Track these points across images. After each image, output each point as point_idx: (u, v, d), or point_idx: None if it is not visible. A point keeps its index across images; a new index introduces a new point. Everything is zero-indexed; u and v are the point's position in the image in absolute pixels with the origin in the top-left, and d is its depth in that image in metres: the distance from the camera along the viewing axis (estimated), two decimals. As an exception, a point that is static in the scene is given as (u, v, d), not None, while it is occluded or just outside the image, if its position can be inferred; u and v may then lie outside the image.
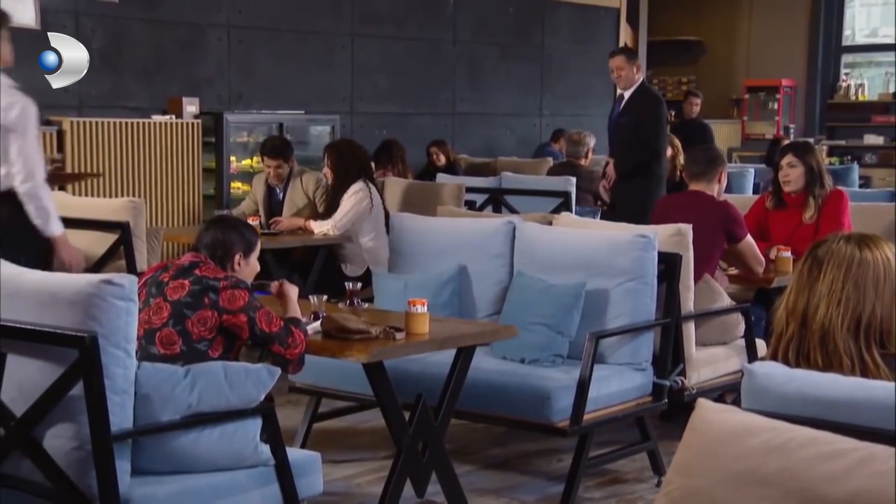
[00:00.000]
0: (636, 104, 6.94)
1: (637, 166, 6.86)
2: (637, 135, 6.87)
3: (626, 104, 7.00)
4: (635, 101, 6.96)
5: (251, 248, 3.54)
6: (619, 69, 6.96)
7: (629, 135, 6.90)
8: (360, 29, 9.84)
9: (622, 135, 6.99)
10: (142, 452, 3.02)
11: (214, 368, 3.11)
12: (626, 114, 6.98)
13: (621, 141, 7.00)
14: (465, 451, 4.76)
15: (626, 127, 6.94)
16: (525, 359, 4.22)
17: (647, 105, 6.95)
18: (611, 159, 7.11)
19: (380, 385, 3.63)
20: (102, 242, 5.50)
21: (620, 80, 7.00)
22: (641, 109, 6.92)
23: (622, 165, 6.96)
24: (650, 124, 6.90)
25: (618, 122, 7.03)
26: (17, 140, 4.29)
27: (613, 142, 7.13)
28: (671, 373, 4.38)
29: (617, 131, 7.06)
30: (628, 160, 6.91)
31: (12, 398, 2.93)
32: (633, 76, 6.95)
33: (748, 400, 2.25)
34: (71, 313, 2.89)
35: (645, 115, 6.91)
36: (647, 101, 6.99)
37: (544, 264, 4.40)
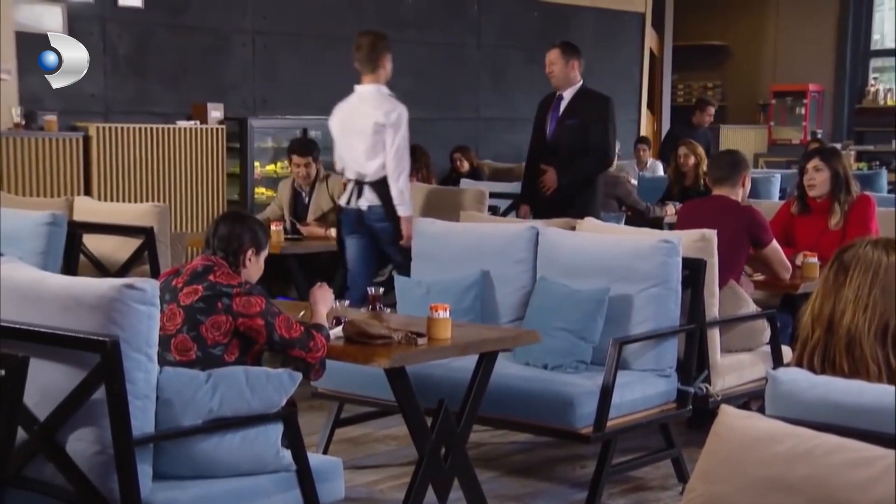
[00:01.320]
0: (584, 104, 6.19)
1: (587, 175, 6.15)
2: (586, 139, 6.11)
3: (568, 105, 6.21)
4: (581, 100, 6.21)
5: (262, 246, 3.53)
6: (551, 64, 6.22)
7: (577, 139, 6.12)
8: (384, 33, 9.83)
9: (568, 139, 6.15)
10: (163, 457, 3.02)
11: (236, 373, 3.11)
12: (570, 115, 6.20)
13: (566, 146, 6.15)
14: (487, 458, 4.74)
15: (573, 130, 6.15)
16: (548, 364, 4.20)
17: (596, 105, 6.19)
18: (548, 168, 6.16)
19: (401, 390, 3.62)
20: (127, 247, 5.52)
21: (553, 76, 6.22)
22: (591, 110, 6.17)
23: (567, 175, 6.11)
24: (602, 127, 6.15)
25: (561, 124, 6.21)
26: (392, 137, 5.54)
27: (554, 148, 6.21)
28: (696, 379, 4.35)
29: (560, 135, 6.20)
30: (577, 168, 6.12)
31: (36, 402, 2.94)
32: (569, 74, 6.19)
33: (772, 406, 2.23)
34: (93, 318, 2.90)
35: (595, 116, 6.15)
36: (596, 101, 6.22)
37: (567, 269, 4.38)
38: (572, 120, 6.16)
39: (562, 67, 6.20)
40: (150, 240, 5.44)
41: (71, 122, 7.59)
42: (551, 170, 6.14)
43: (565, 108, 6.22)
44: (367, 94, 5.63)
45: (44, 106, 7.61)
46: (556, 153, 6.19)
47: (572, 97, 6.21)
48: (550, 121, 6.26)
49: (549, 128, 6.25)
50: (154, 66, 8.33)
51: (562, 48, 6.27)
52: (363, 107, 5.62)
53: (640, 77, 12.42)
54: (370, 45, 5.64)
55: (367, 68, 5.64)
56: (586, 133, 6.12)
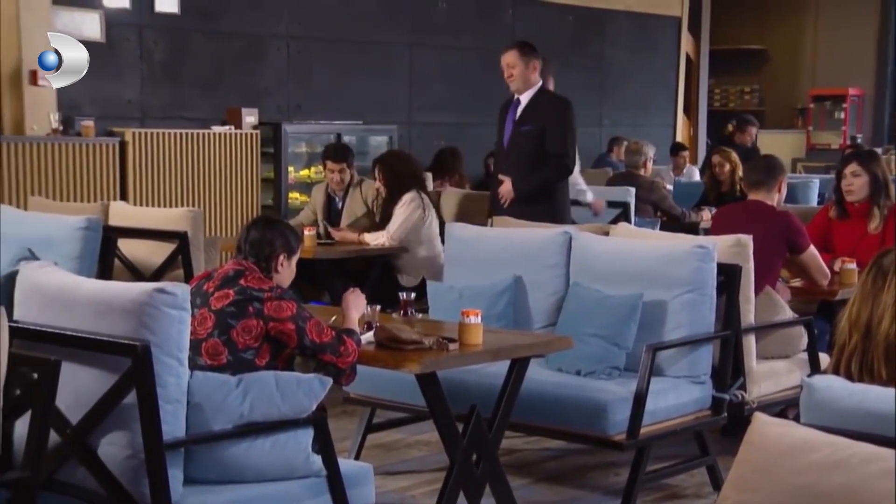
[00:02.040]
0: (540, 108, 5.80)
1: (544, 184, 5.77)
2: (543, 146, 5.75)
3: (525, 109, 5.82)
4: (538, 104, 5.81)
5: (293, 251, 3.53)
6: (510, 66, 5.80)
7: (534, 146, 5.76)
8: (418, 38, 9.85)
9: (524, 146, 5.80)
10: (194, 461, 3.03)
11: (266, 378, 3.11)
12: (526, 120, 5.81)
13: (523, 153, 5.80)
14: (519, 464, 4.72)
15: (528, 136, 5.78)
16: (581, 371, 4.17)
17: (553, 109, 5.81)
18: (505, 178, 5.82)
19: (433, 396, 3.60)
20: (161, 251, 5.54)
21: (513, 80, 5.81)
22: (548, 114, 5.78)
23: (524, 184, 5.75)
24: (560, 132, 5.77)
25: (516, 131, 5.83)
26: None
27: (510, 155, 5.87)
28: (731, 386, 4.30)
29: (515, 142, 5.84)
30: (534, 177, 5.75)
31: (68, 406, 2.96)
32: (529, 76, 5.79)
33: (807, 414, 2.20)
34: (125, 322, 2.92)
35: (553, 122, 5.77)
36: (554, 105, 5.84)
37: (601, 275, 4.35)
38: (528, 125, 5.80)
39: (522, 70, 5.78)
40: (183, 244, 5.46)
41: (108, 127, 7.65)
42: (507, 180, 5.80)
43: (521, 112, 5.84)
44: None
45: (82, 112, 7.69)
46: (512, 160, 5.84)
47: (528, 101, 5.84)
48: (507, 126, 5.90)
49: (506, 134, 5.91)
50: (190, 71, 8.39)
51: (520, 49, 5.84)
52: None
53: (676, 82, 12.35)
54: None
55: None
56: (543, 139, 5.75)
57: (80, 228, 4.84)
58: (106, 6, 7.89)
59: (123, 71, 8.06)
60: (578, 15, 11.18)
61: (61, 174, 7.10)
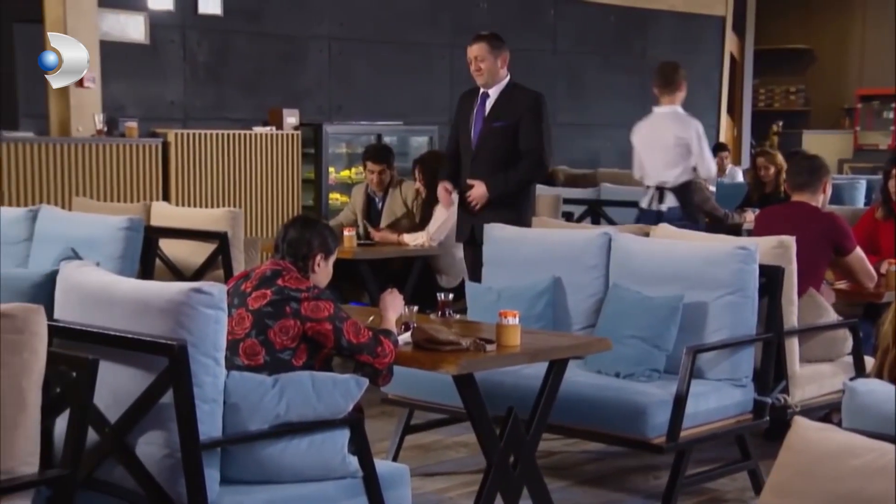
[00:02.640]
0: (512, 103, 5.43)
1: (521, 185, 5.41)
2: (517, 142, 5.39)
3: (495, 104, 5.45)
4: (511, 99, 5.45)
5: (331, 251, 3.53)
6: (479, 59, 5.41)
7: (506, 142, 5.40)
8: (459, 39, 9.82)
9: (495, 143, 5.43)
10: (231, 461, 3.03)
11: (302, 378, 3.11)
12: (498, 116, 5.43)
13: (495, 151, 5.43)
14: (558, 467, 4.68)
15: (501, 133, 5.41)
16: (620, 373, 4.13)
17: (527, 103, 5.42)
18: (474, 181, 5.44)
19: (470, 397, 3.58)
20: (202, 251, 5.58)
21: (481, 74, 5.42)
22: (522, 109, 5.39)
23: (500, 186, 5.38)
24: (536, 128, 5.39)
25: (487, 127, 5.45)
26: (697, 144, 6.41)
27: (479, 154, 5.47)
28: (773, 390, 4.25)
29: (486, 139, 5.46)
30: (511, 178, 5.38)
31: (107, 405, 2.97)
32: (498, 70, 5.43)
33: (849, 419, 2.16)
34: (162, 321, 2.93)
35: (527, 117, 5.39)
36: (528, 99, 5.44)
37: (641, 276, 4.31)
38: (500, 121, 5.42)
39: (491, 63, 5.41)
40: (223, 245, 5.49)
41: (151, 128, 7.73)
42: (479, 183, 5.41)
43: (492, 107, 5.45)
44: (667, 114, 6.48)
45: (126, 113, 7.77)
46: (482, 160, 5.44)
47: (499, 95, 5.46)
48: (475, 123, 5.48)
49: (474, 131, 5.48)
50: (232, 72, 8.45)
51: (489, 42, 5.46)
52: (663, 124, 6.46)
53: (720, 82, 12.24)
54: (671, 72, 6.47)
55: (667, 92, 6.45)
56: (517, 136, 5.39)
57: (122, 228, 4.88)
58: (150, 8, 7.97)
59: (167, 72, 8.13)
60: (621, 15, 11.12)
61: (105, 175, 7.18)
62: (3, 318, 2.55)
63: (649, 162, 6.54)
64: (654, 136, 6.51)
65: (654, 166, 6.51)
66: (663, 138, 6.45)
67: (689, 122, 6.50)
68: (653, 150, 6.52)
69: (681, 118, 6.50)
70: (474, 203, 5.42)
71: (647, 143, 6.57)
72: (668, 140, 6.42)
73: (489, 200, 5.38)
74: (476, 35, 5.54)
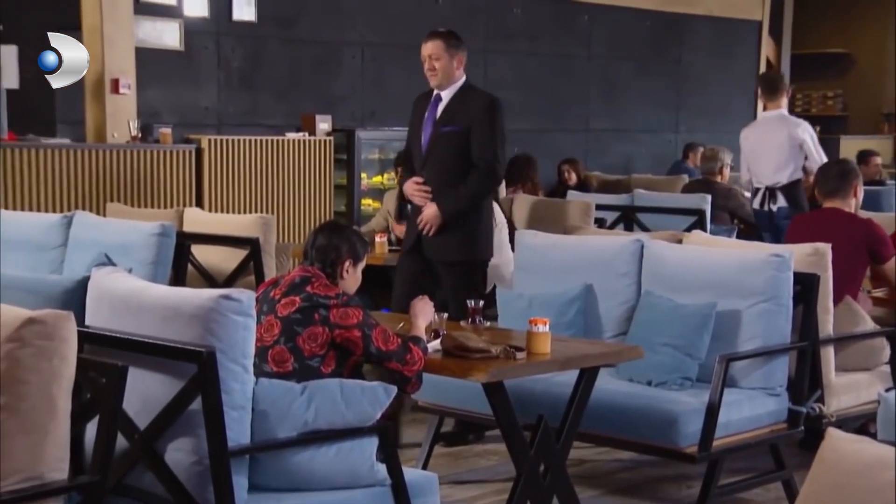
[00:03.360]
0: (465, 107, 4.96)
1: (475, 200, 4.95)
2: (469, 150, 4.94)
3: (447, 107, 4.98)
4: (463, 102, 4.98)
5: (360, 258, 3.52)
6: (434, 58, 4.96)
7: (457, 150, 4.94)
8: (493, 45, 9.83)
9: (446, 149, 4.97)
10: (259, 468, 3.02)
11: (331, 386, 3.10)
12: (449, 120, 4.96)
13: (445, 158, 4.97)
14: (589, 476, 4.65)
15: (451, 139, 4.95)
16: (652, 381, 4.10)
17: (481, 108, 4.95)
18: (426, 200, 4.97)
19: (499, 405, 3.56)
20: (234, 257, 5.60)
21: (435, 74, 4.96)
22: (475, 114, 4.93)
23: (451, 204, 4.92)
24: (489, 134, 4.92)
25: (437, 132, 4.98)
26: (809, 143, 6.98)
27: (428, 161, 5.01)
28: (808, 399, 4.19)
29: (436, 145, 4.99)
30: (461, 194, 4.93)
31: (137, 411, 2.98)
32: (453, 71, 4.97)
33: (884, 430, 2.12)
34: (191, 328, 2.93)
35: (481, 122, 4.92)
36: (482, 103, 4.98)
37: (673, 284, 4.27)
38: (451, 126, 4.96)
39: (447, 63, 4.96)
40: (255, 251, 5.50)
41: (185, 134, 7.77)
42: (430, 206, 4.94)
43: (443, 111, 5.00)
44: (776, 117, 7.11)
45: (161, 119, 7.82)
46: (431, 167, 4.99)
47: (451, 98, 5.00)
48: (426, 127, 5.04)
49: (424, 136, 5.04)
50: (266, 78, 8.48)
51: (445, 40, 5.02)
52: (775, 127, 7.03)
53: (757, 87, 12.14)
54: (776, 80, 7.25)
55: (773, 98, 7.13)
56: (468, 142, 4.94)
57: (154, 234, 4.91)
58: (186, 15, 8.02)
59: (201, 78, 8.18)
60: (656, 20, 11.06)
61: (139, 181, 7.23)
62: (34, 325, 2.56)
63: (762, 164, 7.03)
64: (766, 139, 7.02)
65: (766, 167, 6.99)
66: (776, 140, 6.95)
67: (800, 122, 7.09)
68: (765, 153, 7.02)
69: (791, 120, 7.11)
70: (427, 226, 4.96)
71: (758, 146, 7.06)
72: (781, 141, 6.93)
73: (444, 221, 4.94)
74: (431, 32, 5.10)
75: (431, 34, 5.08)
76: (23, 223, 5.38)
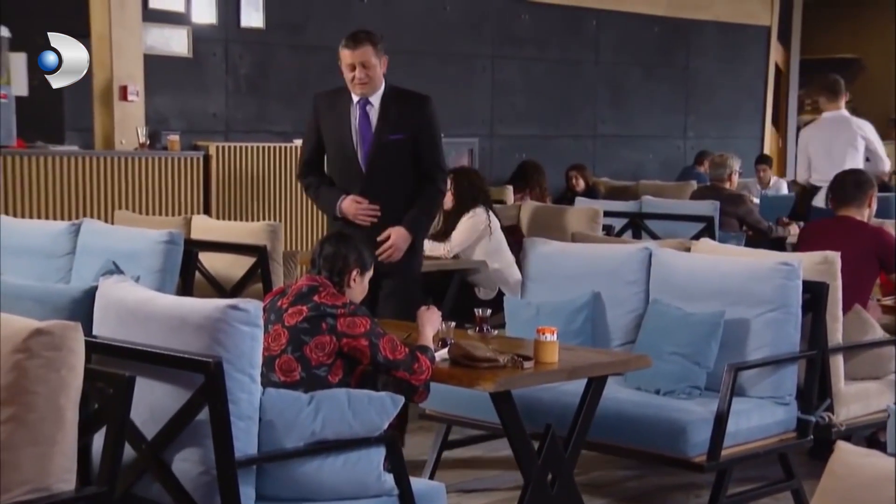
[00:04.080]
0: (402, 111, 4.57)
1: (434, 215, 4.78)
2: (412, 158, 4.59)
3: (382, 114, 4.57)
4: (398, 107, 4.58)
5: (367, 267, 3.53)
6: (367, 67, 4.48)
7: (404, 160, 4.58)
8: (501, 50, 9.83)
9: (389, 161, 4.57)
10: (266, 479, 3.02)
11: (338, 395, 3.10)
12: (389, 128, 4.56)
13: (391, 169, 4.58)
14: (597, 484, 4.63)
15: (397, 149, 4.56)
16: (660, 390, 4.08)
17: (421, 111, 4.62)
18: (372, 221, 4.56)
19: (507, 414, 3.56)
20: (242, 265, 5.59)
21: (367, 83, 4.51)
22: (416, 118, 4.57)
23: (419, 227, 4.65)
24: (435, 141, 4.64)
25: (378, 142, 4.56)
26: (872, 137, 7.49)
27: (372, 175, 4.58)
28: (817, 408, 4.17)
29: (379, 157, 4.57)
30: (423, 214, 4.65)
31: (144, 421, 2.98)
32: (381, 77, 4.58)
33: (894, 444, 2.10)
34: (198, 338, 2.93)
35: (425, 127, 4.59)
36: (420, 106, 4.64)
37: (681, 292, 4.26)
38: (397, 135, 4.55)
39: (376, 70, 4.52)
40: (262, 258, 5.50)
41: (193, 141, 7.78)
42: (396, 230, 4.53)
43: (379, 118, 4.56)
44: (837, 118, 7.51)
45: (169, 126, 7.83)
46: (377, 180, 4.56)
47: (382, 103, 4.58)
48: (361, 138, 4.58)
49: (361, 147, 4.58)
50: (274, 85, 8.49)
51: (374, 43, 4.52)
52: (838, 127, 7.44)
53: (765, 93, 12.12)
54: (835, 83, 7.64)
55: (833, 100, 7.54)
56: (412, 150, 4.57)
57: (162, 242, 4.90)
58: (194, 22, 8.03)
59: (209, 85, 8.19)
60: (664, 25, 11.04)
61: (147, 188, 7.23)
62: (42, 336, 2.56)
63: (825, 163, 7.27)
64: (829, 139, 7.38)
65: (829, 167, 7.06)
66: (839, 139, 7.34)
67: (862, 122, 7.53)
68: (828, 152, 7.33)
69: (853, 120, 7.52)
70: (391, 255, 4.54)
71: (821, 146, 7.40)
72: (845, 140, 7.32)
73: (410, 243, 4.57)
74: (355, 35, 4.53)
75: (356, 39, 4.50)
76: (31, 230, 5.38)
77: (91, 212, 6.85)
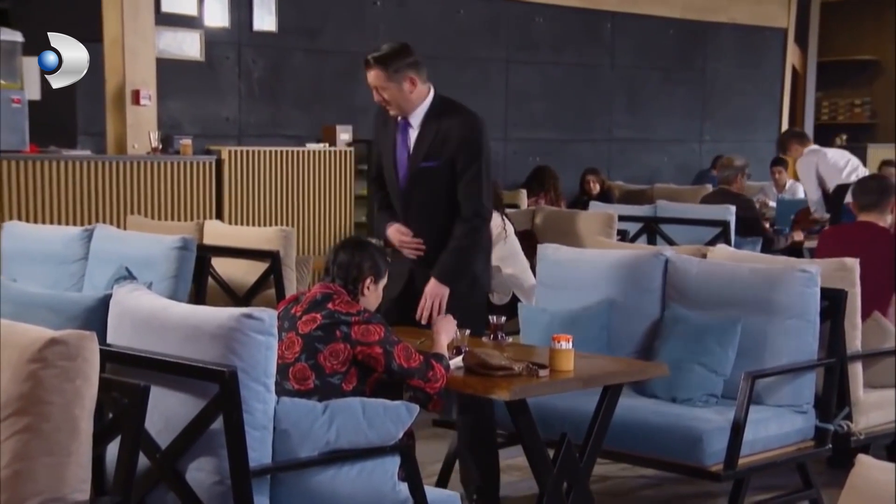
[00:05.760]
0: (440, 135, 4.06)
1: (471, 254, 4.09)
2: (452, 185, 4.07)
3: (420, 138, 4.09)
4: (438, 130, 4.07)
5: (381, 275, 3.51)
6: (380, 90, 4.05)
7: (440, 190, 4.08)
8: (517, 55, 9.80)
9: (426, 188, 4.11)
10: (281, 488, 3.00)
11: (352, 404, 3.08)
12: (425, 154, 4.08)
13: (428, 196, 4.11)
14: (613, 493, 4.60)
15: (431, 176, 4.08)
16: (677, 398, 4.06)
17: (461, 135, 4.05)
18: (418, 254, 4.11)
19: (522, 423, 3.53)
20: (255, 270, 5.58)
21: (390, 105, 4.08)
22: (455, 143, 4.04)
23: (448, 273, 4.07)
24: (477, 169, 4.05)
25: (413, 167, 4.10)
26: None
27: (409, 200, 4.14)
28: (836, 416, 4.13)
29: (414, 183, 4.12)
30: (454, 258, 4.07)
31: (159, 430, 2.97)
32: (407, 97, 4.07)
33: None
34: (213, 347, 2.91)
35: (467, 151, 4.04)
36: (462, 129, 4.06)
37: (698, 299, 4.23)
38: (430, 161, 4.07)
39: (396, 91, 4.03)
40: (275, 264, 5.49)
41: (206, 145, 7.77)
42: (428, 287, 4.05)
43: (416, 142, 4.10)
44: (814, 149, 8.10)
45: (182, 130, 7.82)
46: (413, 206, 4.14)
47: (423, 124, 4.10)
48: (399, 160, 4.15)
49: (399, 171, 4.15)
50: (287, 89, 8.48)
51: (384, 67, 4.03)
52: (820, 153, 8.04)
53: (782, 95, 12.06)
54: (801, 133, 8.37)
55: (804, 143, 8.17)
56: (449, 177, 4.06)
57: (174, 248, 4.89)
58: (206, 26, 8.03)
59: (222, 89, 8.19)
60: (680, 28, 10.99)
61: (160, 192, 7.22)
62: (56, 345, 2.54)
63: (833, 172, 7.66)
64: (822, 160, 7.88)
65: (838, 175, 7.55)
66: None
67: None
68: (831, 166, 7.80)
69: None
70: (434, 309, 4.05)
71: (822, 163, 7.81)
72: None
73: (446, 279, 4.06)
74: (367, 58, 4.10)
75: (367, 62, 4.08)
76: (44, 236, 5.39)
77: (103, 216, 6.85)
